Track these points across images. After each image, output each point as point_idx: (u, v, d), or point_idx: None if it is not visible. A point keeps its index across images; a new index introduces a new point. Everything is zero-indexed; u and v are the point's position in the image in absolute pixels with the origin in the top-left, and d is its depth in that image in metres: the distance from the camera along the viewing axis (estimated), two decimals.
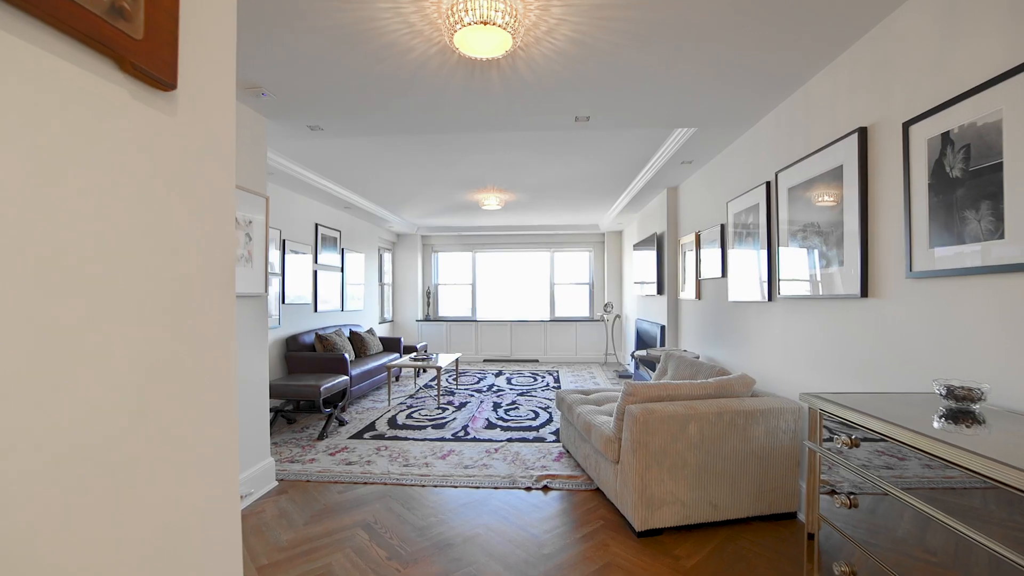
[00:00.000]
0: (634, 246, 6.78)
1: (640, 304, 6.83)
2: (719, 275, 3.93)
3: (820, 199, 2.46)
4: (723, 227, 3.87)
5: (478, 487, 3.11)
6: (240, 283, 2.81)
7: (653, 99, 2.88)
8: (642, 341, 6.55)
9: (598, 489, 3.04)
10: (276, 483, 3.18)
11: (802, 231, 2.64)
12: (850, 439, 1.46)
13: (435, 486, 3.13)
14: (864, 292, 2.14)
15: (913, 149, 1.83)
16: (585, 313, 9.29)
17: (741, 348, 3.53)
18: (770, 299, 3.06)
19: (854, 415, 1.42)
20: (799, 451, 2.61)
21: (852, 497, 1.46)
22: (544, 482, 3.14)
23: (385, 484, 3.17)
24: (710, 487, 2.51)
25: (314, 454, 3.74)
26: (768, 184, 3.07)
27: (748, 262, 3.35)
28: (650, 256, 5.85)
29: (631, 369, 7.58)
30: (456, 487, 3.12)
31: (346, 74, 2.53)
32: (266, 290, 3.09)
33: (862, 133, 2.14)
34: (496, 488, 3.09)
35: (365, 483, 3.18)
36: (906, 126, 1.86)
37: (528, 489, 3.08)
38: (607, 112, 3.08)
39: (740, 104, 2.94)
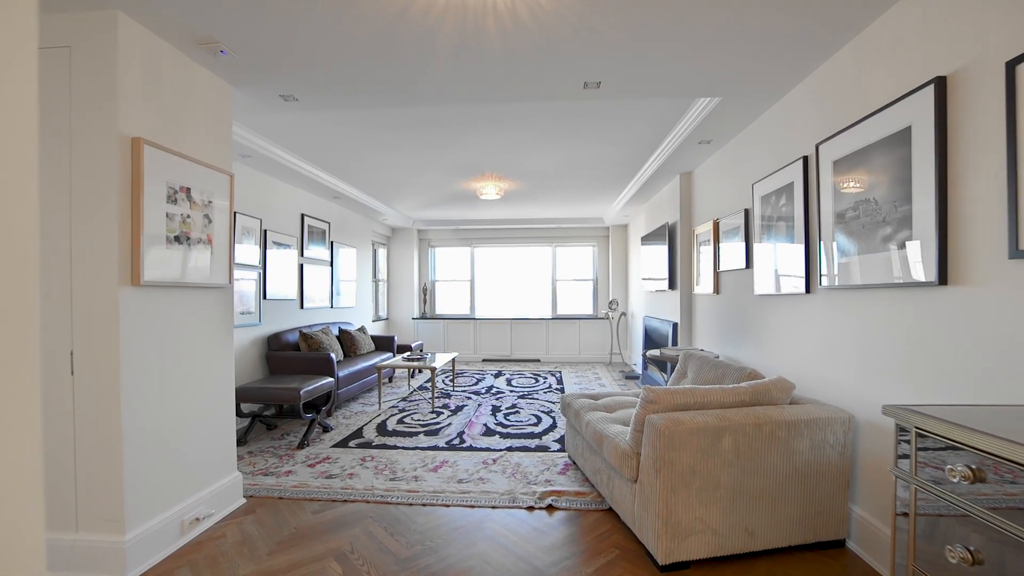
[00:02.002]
0: (642, 239, 6.39)
1: (648, 301, 6.44)
2: (742, 266, 3.54)
3: (877, 170, 2.07)
4: (747, 213, 3.48)
5: (473, 506, 2.72)
6: (195, 272, 2.42)
7: (672, 59, 2.49)
8: (651, 340, 6.15)
9: (611, 509, 2.65)
10: (244, 500, 2.80)
11: (852, 209, 2.24)
12: (972, 471, 1.07)
13: (424, 504, 2.74)
14: (943, 279, 1.75)
15: (1022, 93, 1.44)
16: (589, 311, 8.90)
17: (769, 347, 3.13)
18: (808, 291, 2.67)
19: (983, 439, 1.03)
20: (849, 468, 2.22)
21: (975, 552, 1.07)
22: (548, 500, 2.75)
23: (367, 502, 2.78)
24: (746, 511, 2.12)
25: (292, 465, 3.35)
26: (805, 159, 2.67)
27: (780, 250, 2.96)
28: (660, 249, 5.45)
29: (638, 370, 7.20)
30: (448, 506, 2.73)
31: (316, 24, 2.14)
32: (230, 281, 2.69)
33: (939, 84, 1.75)
34: (494, 507, 2.71)
35: (345, 501, 2.80)
36: (1011, 66, 1.46)
37: (530, 509, 2.69)
38: (620, 76, 2.69)
39: (774, 66, 2.54)
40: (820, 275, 2.52)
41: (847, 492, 2.23)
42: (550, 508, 2.70)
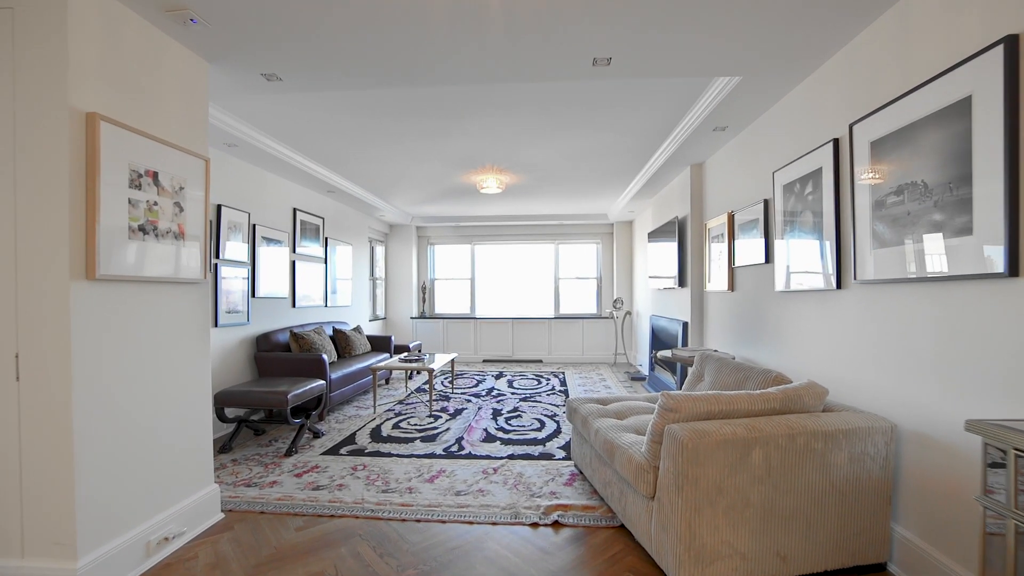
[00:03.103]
0: (649, 235, 6.15)
1: (656, 299, 6.20)
2: (761, 261, 3.30)
3: (926, 149, 1.83)
4: (767, 204, 3.24)
5: (472, 522, 2.49)
6: (164, 266, 2.19)
7: (691, 30, 2.25)
8: (658, 340, 5.92)
9: (623, 526, 2.42)
10: (222, 515, 2.57)
11: (894, 195, 2.01)
12: None
13: (419, 520, 2.51)
14: (1014, 269, 1.51)
15: None
16: (592, 310, 8.66)
17: (792, 347, 2.90)
18: (839, 286, 2.43)
19: None
20: (891, 483, 1.98)
21: None
22: (554, 515, 2.52)
23: (356, 517, 2.55)
24: (778, 533, 1.89)
25: (277, 474, 3.12)
26: (836, 142, 2.44)
27: (805, 242, 2.72)
28: (669, 245, 5.21)
29: (644, 371, 6.96)
30: (445, 522, 2.49)
31: None
32: (206, 275, 2.46)
33: (1011, 44, 1.51)
34: (494, 524, 2.47)
35: (332, 516, 2.56)
36: None
37: (535, 525, 2.46)
38: (633, 51, 2.45)
39: (806, 36, 2.30)
40: (854, 268, 2.28)
41: (889, 510, 1.99)
42: (556, 525, 2.46)
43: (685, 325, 4.73)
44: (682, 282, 4.84)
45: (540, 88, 3.13)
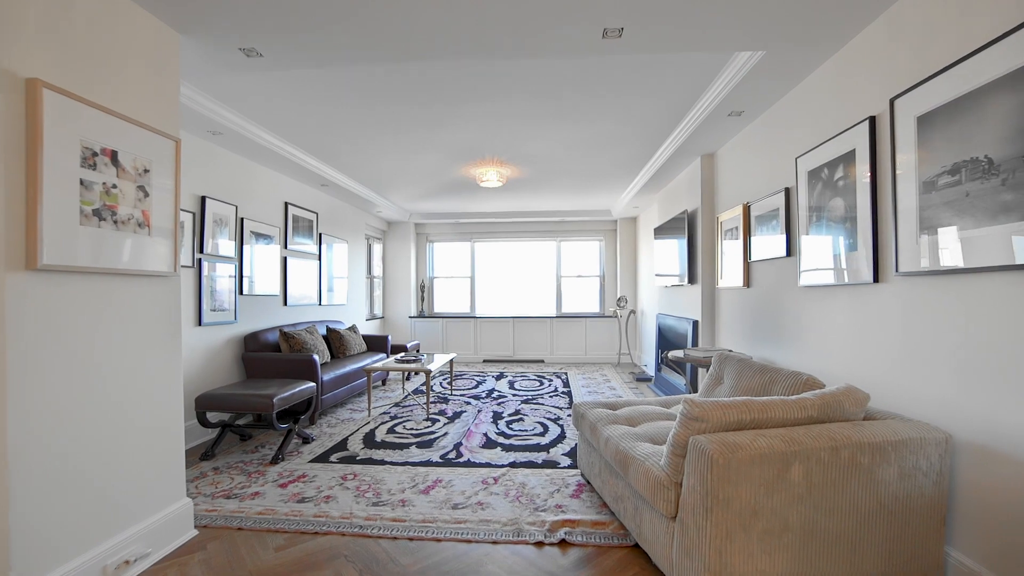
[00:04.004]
0: (655, 230, 5.91)
1: (663, 297, 5.96)
2: (781, 254, 3.07)
3: (993, 120, 1.59)
4: (788, 193, 3.00)
5: (470, 540, 2.25)
6: (125, 256, 1.95)
7: None
8: (665, 339, 5.68)
9: (637, 545, 2.18)
10: (195, 532, 2.33)
11: (948, 174, 1.77)
12: None
13: (411, 539, 2.27)
14: None
15: None
16: (595, 309, 8.42)
17: (818, 347, 2.66)
18: (876, 279, 2.20)
19: None
20: (946, 502, 1.75)
21: None
22: (561, 532, 2.28)
23: (343, 535, 2.31)
24: (819, 560, 1.65)
25: (261, 484, 2.89)
26: (872, 120, 2.20)
27: (835, 232, 2.48)
28: (677, 241, 4.97)
29: (649, 371, 6.73)
30: (440, 540, 2.26)
31: None
32: (177, 268, 2.23)
33: None
34: (495, 543, 2.23)
35: (316, 533, 2.33)
36: None
37: (539, 544, 2.22)
38: (647, 21, 2.21)
39: (840, 1, 2.07)
40: (896, 260, 2.04)
41: (943, 532, 1.75)
42: (563, 543, 2.22)
43: (695, 324, 4.49)
44: (692, 279, 4.60)
45: (543, 71, 2.89)
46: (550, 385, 5.95)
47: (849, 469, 1.65)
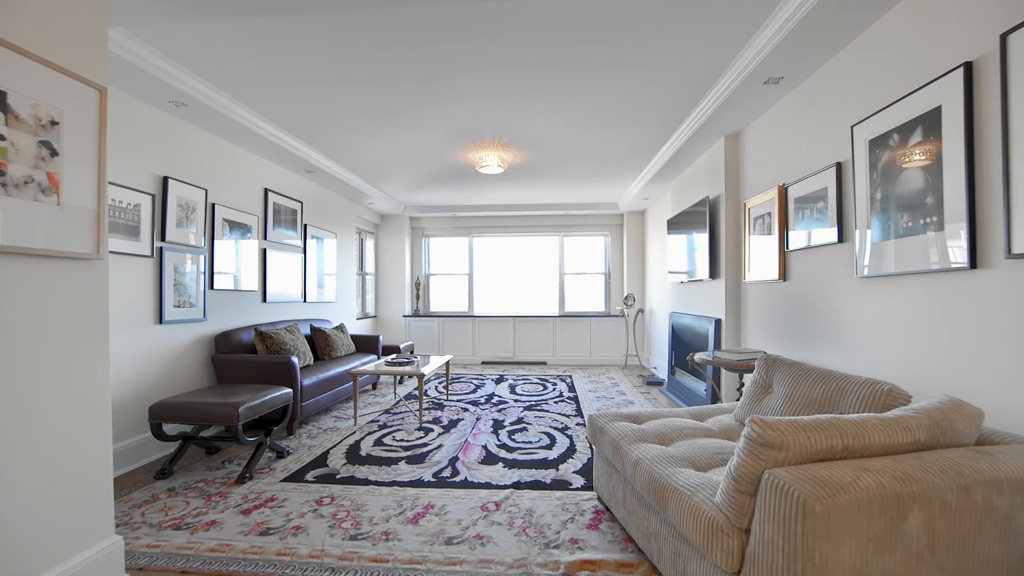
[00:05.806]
0: (668, 223, 5.47)
1: (677, 294, 5.52)
2: (831, 240, 2.64)
3: None
4: (840, 168, 2.57)
5: None
6: (21, 228, 1.50)
7: None
8: (680, 340, 5.24)
9: None
10: None
11: None
12: None
13: None
14: None
15: None
16: (601, 308, 7.98)
17: (877, 348, 2.23)
18: (974, 264, 1.76)
19: None
20: None
21: None
22: None
23: None
24: None
25: (220, 510, 2.44)
26: (968, 67, 1.77)
27: (906, 209, 2.05)
28: (694, 234, 4.54)
29: (659, 374, 6.30)
30: None
31: None
32: (101, 251, 1.78)
33: None
34: None
35: None
36: None
37: None
38: None
39: None
40: (1008, 239, 1.61)
41: None
42: None
43: (718, 323, 4.05)
44: (714, 273, 4.16)
45: (549, 39, 2.45)
46: (554, 389, 5.51)
47: (983, 516, 1.22)
